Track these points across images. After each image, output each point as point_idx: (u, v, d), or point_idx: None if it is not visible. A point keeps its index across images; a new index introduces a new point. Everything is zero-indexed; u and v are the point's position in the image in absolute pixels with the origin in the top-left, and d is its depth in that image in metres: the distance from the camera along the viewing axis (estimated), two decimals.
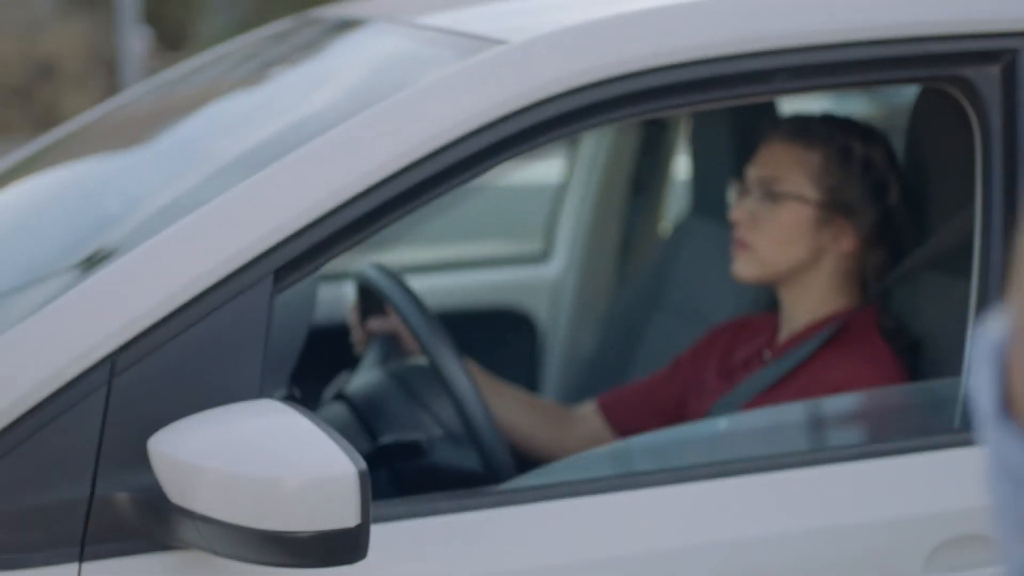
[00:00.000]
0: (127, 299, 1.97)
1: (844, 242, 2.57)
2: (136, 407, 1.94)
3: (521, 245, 4.47)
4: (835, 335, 2.55)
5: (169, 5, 14.20)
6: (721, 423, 2.47)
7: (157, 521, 1.90)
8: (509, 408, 2.67)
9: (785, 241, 2.54)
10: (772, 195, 2.53)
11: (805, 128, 2.58)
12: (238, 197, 2.06)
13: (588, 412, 2.78)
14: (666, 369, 2.78)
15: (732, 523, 2.16)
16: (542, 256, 4.20)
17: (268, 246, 2.01)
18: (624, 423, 2.75)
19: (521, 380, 3.99)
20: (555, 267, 4.13)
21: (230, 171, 2.29)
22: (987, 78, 2.31)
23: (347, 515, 1.82)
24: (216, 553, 1.87)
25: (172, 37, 13.74)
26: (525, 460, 2.58)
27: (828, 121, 2.61)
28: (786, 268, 2.56)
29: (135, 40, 11.74)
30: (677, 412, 2.73)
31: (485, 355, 3.93)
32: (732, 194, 2.59)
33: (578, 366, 3.88)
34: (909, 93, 2.84)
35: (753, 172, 2.56)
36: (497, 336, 4.01)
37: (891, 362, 2.50)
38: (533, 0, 2.69)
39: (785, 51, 2.23)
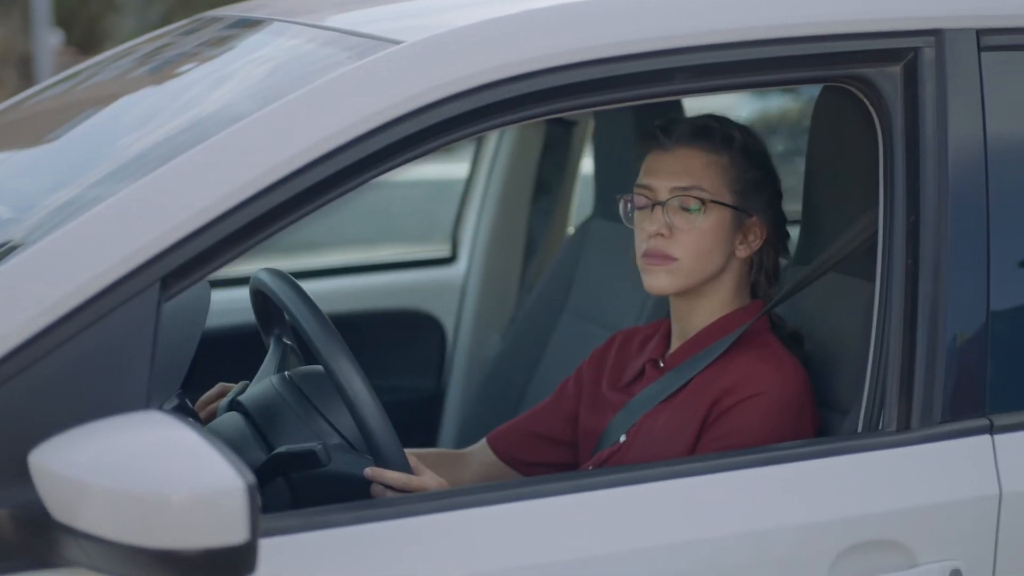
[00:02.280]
0: (6, 308, 1.91)
1: (754, 243, 2.54)
2: (17, 420, 1.89)
3: (428, 247, 4.44)
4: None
5: (82, 6, 14.07)
6: None
7: (39, 539, 1.85)
8: None
9: (708, 249, 2.51)
10: (692, 204, 2.49)
11: (708, 131, 2.54)
12: (124, 202, 2.01)
13: (478, 449, 2.76)
14: (552, 396, 2.78)
15: (637, 530, 2.13)
16: (449, 258, 4.16)
17: (155, 252, 1.96)
18: (513, 454, 2.75)
19: (427, 382, 3.97)
20: (461, 269, 4.10)
21: (119, 174, 2.23)
22: (888, 77, 2.29)
23: (235, 531, 1.78)
24: (100, 571, 1.83)
25: (85, 39, 13.61)
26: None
27: (722, 121, 2.58)
28: (705, 276, 2.53)
29: (48, 41, 11.62)
30: (571, 433, 2.70)
31: (391, 357, 3.90)
32: (626, 204, 2.54)
33: (483, 368, 3.85)
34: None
35: (664, 182, 2.51)
36: (403, 338, 3.98)
37: (789, 362, 2.48)
38: (432, 0, 2.64)
39: (684, 50, 2.20)
